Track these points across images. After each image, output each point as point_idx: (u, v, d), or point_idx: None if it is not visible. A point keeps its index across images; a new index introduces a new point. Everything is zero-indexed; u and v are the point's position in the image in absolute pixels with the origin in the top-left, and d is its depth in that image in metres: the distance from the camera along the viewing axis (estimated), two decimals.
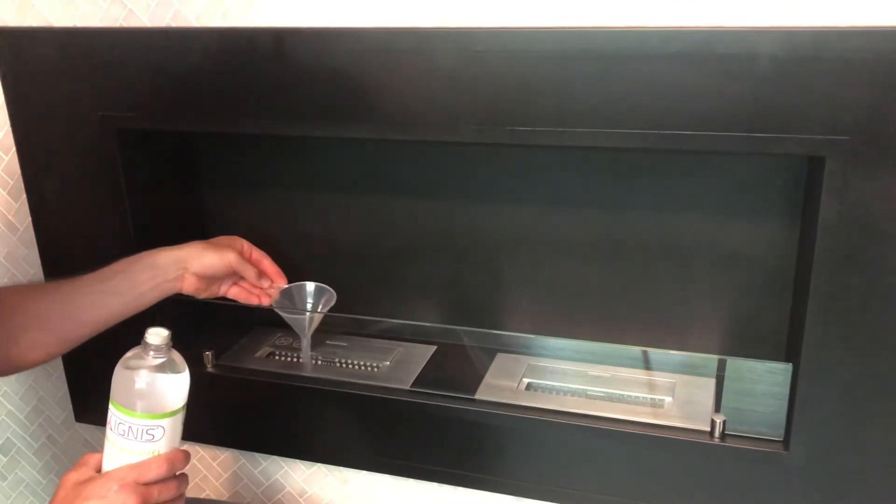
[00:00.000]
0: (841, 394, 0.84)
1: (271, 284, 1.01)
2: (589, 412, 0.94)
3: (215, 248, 0.95)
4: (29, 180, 1.05)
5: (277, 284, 1.01)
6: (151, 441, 0.72)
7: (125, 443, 0.72)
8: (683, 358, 1.00)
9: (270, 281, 1.01)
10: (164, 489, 0.72)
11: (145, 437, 0.71)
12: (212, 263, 0.93)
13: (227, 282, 0.98)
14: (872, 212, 0.77)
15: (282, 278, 1.01)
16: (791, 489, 0.90)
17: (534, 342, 1.06)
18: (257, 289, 1.00)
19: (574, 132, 0.82)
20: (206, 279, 0.94)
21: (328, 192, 1.10)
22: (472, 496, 1.07)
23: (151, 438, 0.72)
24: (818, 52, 0.74)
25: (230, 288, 0.99)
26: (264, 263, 1.00)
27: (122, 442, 0.72)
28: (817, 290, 0.81)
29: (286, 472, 1.18)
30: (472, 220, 1.05)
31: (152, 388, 0.71)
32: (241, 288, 0.99)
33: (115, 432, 0.72)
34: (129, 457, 0.72)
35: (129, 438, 0.71)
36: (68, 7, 0.98)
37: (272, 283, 1.01)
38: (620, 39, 0.78)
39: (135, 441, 0.71)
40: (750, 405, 0.88)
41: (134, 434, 0.71)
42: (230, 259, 0.94)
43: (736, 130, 0.78)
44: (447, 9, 0.85)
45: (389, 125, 0.88)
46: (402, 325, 1.11)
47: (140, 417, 0.71)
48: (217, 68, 0.91)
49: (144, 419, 0.71)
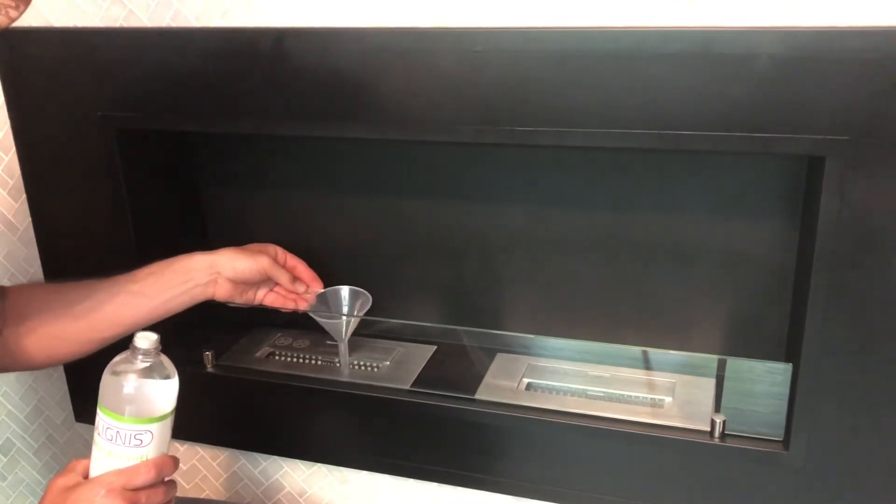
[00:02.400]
0: (841, 394, 0.84)
1: (307, 289, 1.00)
2: (589, 412, 0.94)
3: (248, 253, 0.94)
4: (29, 180, 1.05)
5: (313, 289, 1.01)
6: (140, 446, 0.71)
7: (113, 447, 0.71)
8: (683, 358, 1.00)
9: (306, 286, 1.00)
10: (152, 495, 0.72)
11: (133, 441, 0.71)
12: (245, 268, 0.92)
13: (263, 288, 0.97)
14: (872, 212, 0.77)
15: (317, 283, 1.01)
16: (791, 489, 0.90)
17: (534, 342, 1.06)
18: (293, 294, 0.99)
19: (574, 132, 0.82)
20: (240, 285, 0.93)
21: (328, 192, 1.10)
22: (472, 496, 1.07)
23: (140, 443, 0.71)
24: (818, 52, 0.74)
25: (266, 294, 0.98)
26: (299, 269, 1.00)
27: (109, 447, 0.71)
28: (817, 290, 0.81)
29: (286, 472, 1.18)
30: (471, 220, 1.05)
31: (140, 392, 0.71)
32: (277, 294, 0.99)
33: (104, 437, 0.71)
34: (117, 461, 0.71)
35: (116, 443, 0.71)
36: (68, 7, 0.98)
37: (308, 288, 1.00)
38: (620, 39, 0.78)
39: (123, 446, 0.71)
40: (750, 405, 0.88)
41: (122, 439, 0.71)
42: (263, 264, 0.94)
43: (736, 130, 0.78)
44: (447, 9, 0.85)
45: (389, 125, 0.88)
46: (402, 325, 1.11)
47: (128, 422, 0.70)
48: (217, 68, 0.91)
49: (132, 424, 0.71)
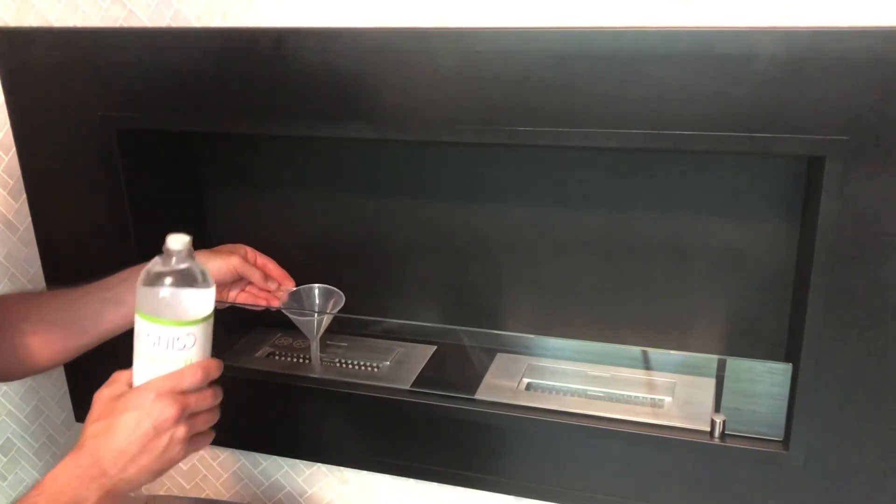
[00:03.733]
0: (841, 394, 0.84)
1: (279, 287, 1.01)
2: (589, 412, 0.94)
3: (219, 253, 0.95)
4: (29, 180, 1.05)
5: (285, 287, 1.01)
6: (183, 349, 0.70)
7: (156, 353, 0.70)
8: (683, 358, 1.00)
9: (277, 284, 1.01)
10: (200, 398, 0.72)
11: (177, 345, 0.70)
12: (216, 268, 0.93)
13: (235, 288, 0.98)
14: (872, 212, 0.77)
15: (288, 281, 1.01)
16: (791, 489, 0.90)
17: (534, 342, 1.06)
18: (264, 292, 1.00)
19: (574, 132, 0.82)
20: None
21: (328, 192, 1.10)
22: (472, 496, 1.07)
23: (183, 347, 0.70)
24: (818, 52, 0.74)
25: (238, 294, 0.99)
26: (269, 267, 1.00)
27: (152, 353, 0.70)
28: (817, 290, 0.81)
29: (286, 472, 1.18)
30: (471, 220, 1.05)
31: (180, 295, 0.70)
32: (249, 293, 0.99)
33: (145, 344, 0.70)
34: (162, 367, 0.70)
35: (159, 348, 0.70)
36: (68, 7, 0.98)
37: (279, 286, 1.01)
38: (620, 39, 0.78)
39: (166, 350, 0.70)
40: (750, 405, 0.88)
41: (165, 343, 0.70)
42: (234, 263, 0.94)
43: (736, 130, 0.78)
44: (447, 9, 0.85)
45: (389, 125, 0.88)
46: (402, 325, 1.11)
47: (170, 325, 0.70)
48: (217, 68, 0.91)
49: (174, 327, 0.70)
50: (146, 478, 0.70)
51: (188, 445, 0.72)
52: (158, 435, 0.69)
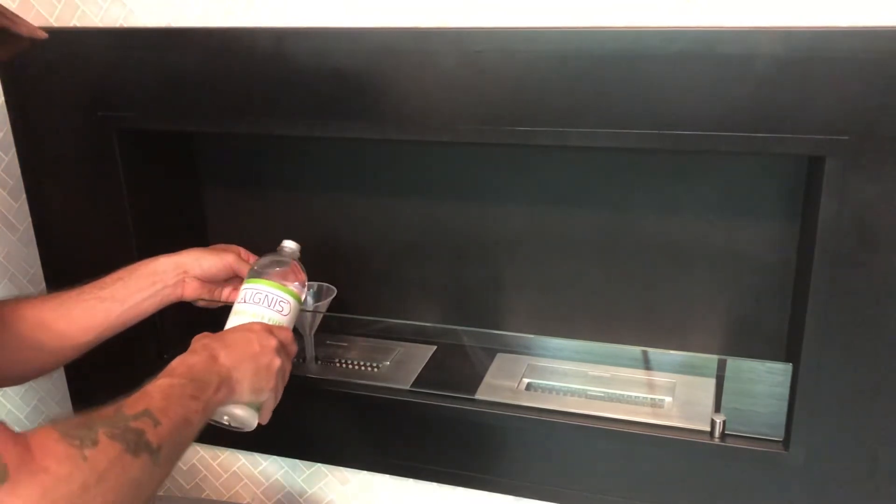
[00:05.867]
0: (841, 394, 0.84)
1: None
2: (589, 412, 0.94)
3: (214, 251, 0.95)
4: (29, 180, 1.05)
5: None
6: (281, 313, 0.84)
7: (258, 310, 0.84)
8: (683, 358, 1.00)
9: None
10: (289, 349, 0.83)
11: (277, 307, 0.84)
12: (211, 265, 0.93)
13: (228, 286, 0.98)
14: (872, 212, 0.77)
15: None
16: (791, 489, 0.90)
17: (534, 342, 1.06)
18: None
19: (574, 132, 0.82)
20: (207, 283, 0.94)
21: (328, 192, 1.10)
22: (472, 496, 1.07)
23: (281, 311, 0.84)
24: (818, 52, 0.74)
25: (232, 292, 0.99)
26: None
27: (254, 310, 0.84)
28: (817, 290, 0.81)
29: (286, 472, 1.18)
30: (472, 220, 1.05)
31: (289, 269, 0.87)
32: None
33: (250, 302, 0.84)
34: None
35: (262, 306, 0.84)
36: (68, 7, 0.98)
37: None
38: (620, 39, 0.78)
39: (268, 309, 0.84)
40: (750, 405, 0.88)
41: (269, 302, 0.84)
42: (229, 260, 0.94)
43: (736, 130, 0.78)
44: (447, 9, 0.85)
45: (389, 125, 0.88)
46: (402, 325, 1.11)
47: (278, 288, 0.84)
48: (217, 68, 0.91)
49: (282, 291, 0.84)
50: (248, 385, 0.76)
51: (278, 383, 0.80)
52: (263, 351, 0.79)
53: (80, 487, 0.53)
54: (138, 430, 0.60)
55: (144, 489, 0.60)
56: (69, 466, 0.53)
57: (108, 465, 0.56)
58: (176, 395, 0.68)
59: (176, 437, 0.65)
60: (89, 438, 0.56)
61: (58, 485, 0.52)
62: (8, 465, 0.50)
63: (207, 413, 0.72)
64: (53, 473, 0.52)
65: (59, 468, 0.53)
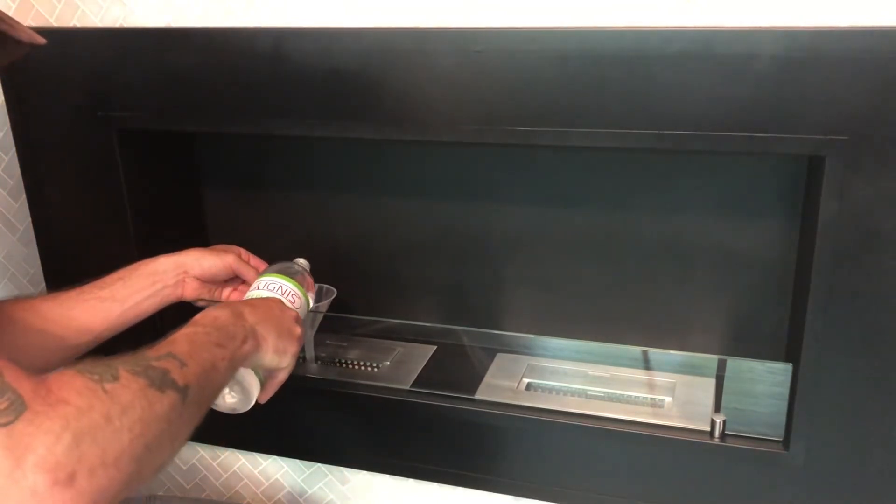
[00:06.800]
0: (841, 394, 0.84)
1: None
2: (589, 412, 0.94)
3: (214, 251, 0.95)
4: (29, 180, 1.05)
5: None
6: (293, 305, 0.88)
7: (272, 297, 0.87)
8: (683, 358, 1.00)
9: None
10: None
11: (290, 298, 0.89)
12: (212, 265, 0.93)
13: (228, 287, 0.98)
14: (872, 212, 0.77)
15: None
16: (791, 489, 0.90)
17: (534, 342, 1.06)
18: None
19: (574, 132, 0.82)
20: (207, 283, 0.94)
21: (328, 192, 1.10)
22: (472, 496, 1.07)
23: (293, 303, 0.88)
24: (818, 52, 0.74)
25: (231, 293, 0.99)
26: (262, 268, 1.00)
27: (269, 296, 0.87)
28: (817, 290, 0.81)
29: (286, 472, 1.18)
30: (471, 220, 1.05)
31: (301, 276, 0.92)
32: (241, 292, 0.99)
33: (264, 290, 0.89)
34: None
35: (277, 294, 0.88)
36: (68, 7, 0.98)
37: None
38: (620, 39, 0.78)
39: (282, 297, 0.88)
40: (750, 405, 0.88)
41: (283, 292, 0.88)
42: (229, 260, 0.94)
43: (736, 130, 0.78)
44: (447, 9, 0.85)
45: (389, 125, 0.88)
46: (402, 325, 1.11)
47: (292, 283, 0.90)
48: (217, 68, 0.91)
49: (295, 286, 0.90)
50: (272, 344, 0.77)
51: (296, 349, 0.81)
52: (284, 317, 0.81)
53: (104, 418, 0.50)
54: (162, 369, 0.57)
55: (175, 429, 0.57)
56: (89, 398, 0.50)
57: (131, 397, 0.53)
58: (201, 341, 0.66)
59: (203, 381, 0.62)
60: (109, 374, 0.53)
61: (80, 416, 0.49)
62: (24, 397, 0.48)
63: (234, 364, 0.70)
64: (74, 404, 0.49)
65: (79, 399, 0.49)
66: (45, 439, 0.47)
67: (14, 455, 0.46)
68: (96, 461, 0.48)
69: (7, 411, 0.47)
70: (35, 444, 0.46)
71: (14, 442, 0.46)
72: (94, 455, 0.48)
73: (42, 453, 0.46)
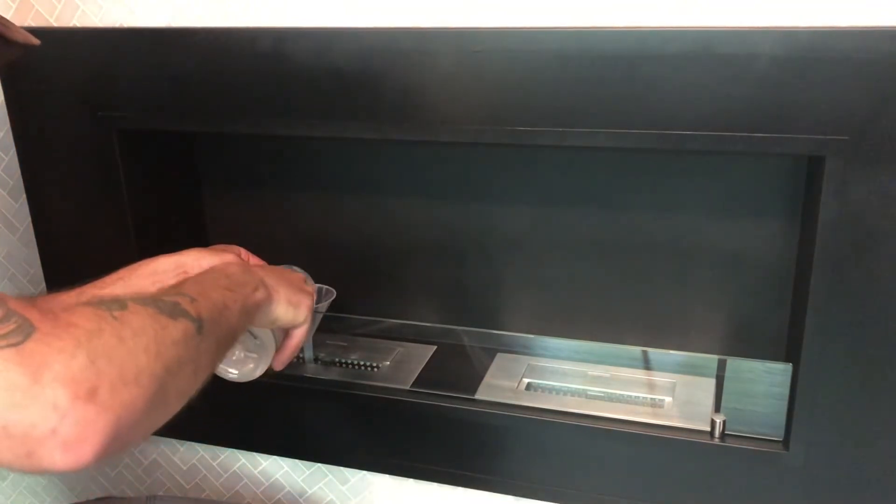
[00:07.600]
0: (841, 394, 0.84)
1: None
2: (589, 412, 0.94)
3: (213, 251, 0.95)
4: (29, 180, 1.05)
5: None
6: None
7: None
8: (683, 358, 1.00)
9: None
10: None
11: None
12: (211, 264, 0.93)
13: None
14: (872, 212, 0.77)
15: None
16: (791, 489, 0.90)
17: (534, 342, 1.06)
18: None
19: (574, 132, 0.82)
20: None
21: (328, 192, 1.10)
22: (472, 496, 1.07)
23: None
24: (818, 52, 0.74)
25: None
26: None
27: None
28: (817, 290, 0.81)
29: (286, 472, 1.18)
30: (472, 220, 1.05)
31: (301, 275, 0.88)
32: None
33: None
34: None
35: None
36: (68, 7, 0.98)
37: None
38: (620, 39, 0.78)
39: None
40: (750, 405, 0.88)
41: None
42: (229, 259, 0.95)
43: (736, 130, 0.78)
44: (447, 9, 0.85)
45: (389, 125, 0.88)
46: (402, 325, 1.11)
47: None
48: (217, 68, 0.91)
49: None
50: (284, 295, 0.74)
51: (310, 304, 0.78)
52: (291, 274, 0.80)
53: (116, 338, 0.48)
54: (172, 301, 0.55)
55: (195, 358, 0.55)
56: (98, 321, 0.48)
57: (141, 322, 0.50)
58: (210, 283, 0.64)
59: (217, 317, 0.59)
60: (116, 304, 0.51)
61: (91, 337, 0.46)
62: (31, 319, 0.45)
63: (247, 311, 0.68)
64: (83, 327, 0.47)
65: (88, 323, 0.47)
66: (59, 357, 0.44)
67: (30, 370, 0.43)
68: (115, 377, 0.46)
69: (15, 332, 0.45)
70: (50, 360, 0.44)
71: (27, 359, 0.44)
72: (112, 372, 0.46)
73: (58, 369, 0.44)
